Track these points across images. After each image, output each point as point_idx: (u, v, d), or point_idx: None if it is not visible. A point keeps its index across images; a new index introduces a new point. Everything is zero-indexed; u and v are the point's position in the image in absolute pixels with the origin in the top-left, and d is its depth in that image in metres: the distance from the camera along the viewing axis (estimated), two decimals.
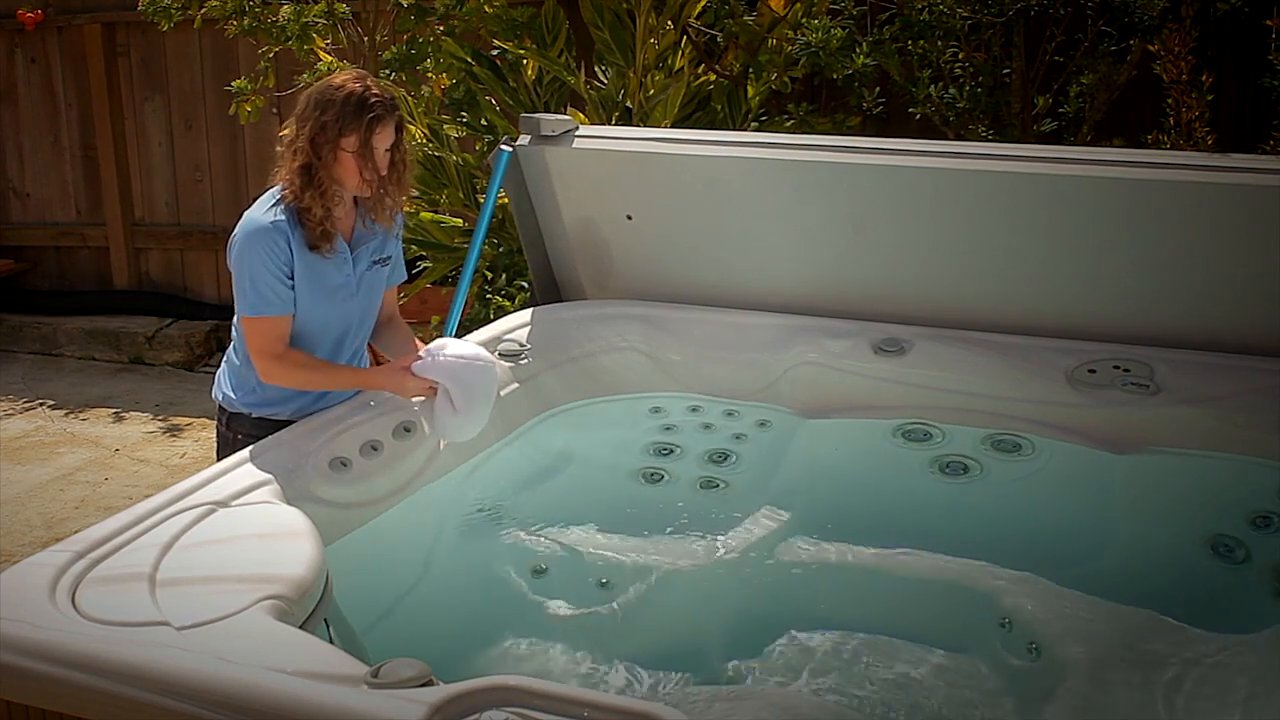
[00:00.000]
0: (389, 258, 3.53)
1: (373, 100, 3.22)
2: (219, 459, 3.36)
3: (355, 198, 3.38)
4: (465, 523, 3.64)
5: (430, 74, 6.05)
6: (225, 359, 3.52)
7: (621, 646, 3.29)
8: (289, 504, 2.97)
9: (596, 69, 5.71)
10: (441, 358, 3.40)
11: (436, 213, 5.71)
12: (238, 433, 3.40)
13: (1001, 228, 3.90)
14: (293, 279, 3.29)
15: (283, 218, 3.27)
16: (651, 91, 5.46)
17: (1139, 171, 3.67)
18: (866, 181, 3.97)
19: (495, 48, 5.83)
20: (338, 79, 3.28)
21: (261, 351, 3.29)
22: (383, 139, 3.26)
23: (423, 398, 3.45)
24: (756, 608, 3.47)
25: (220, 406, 3.50)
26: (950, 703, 3.11)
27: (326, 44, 6.12)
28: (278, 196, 3.30)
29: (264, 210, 3.28)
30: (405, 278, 3.73)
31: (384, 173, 3.30)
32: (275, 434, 3.29)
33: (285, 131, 3.34)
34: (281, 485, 3.04)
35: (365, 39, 6.41)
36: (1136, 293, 3.87)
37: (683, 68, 5.63)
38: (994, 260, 3.97)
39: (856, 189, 4.01)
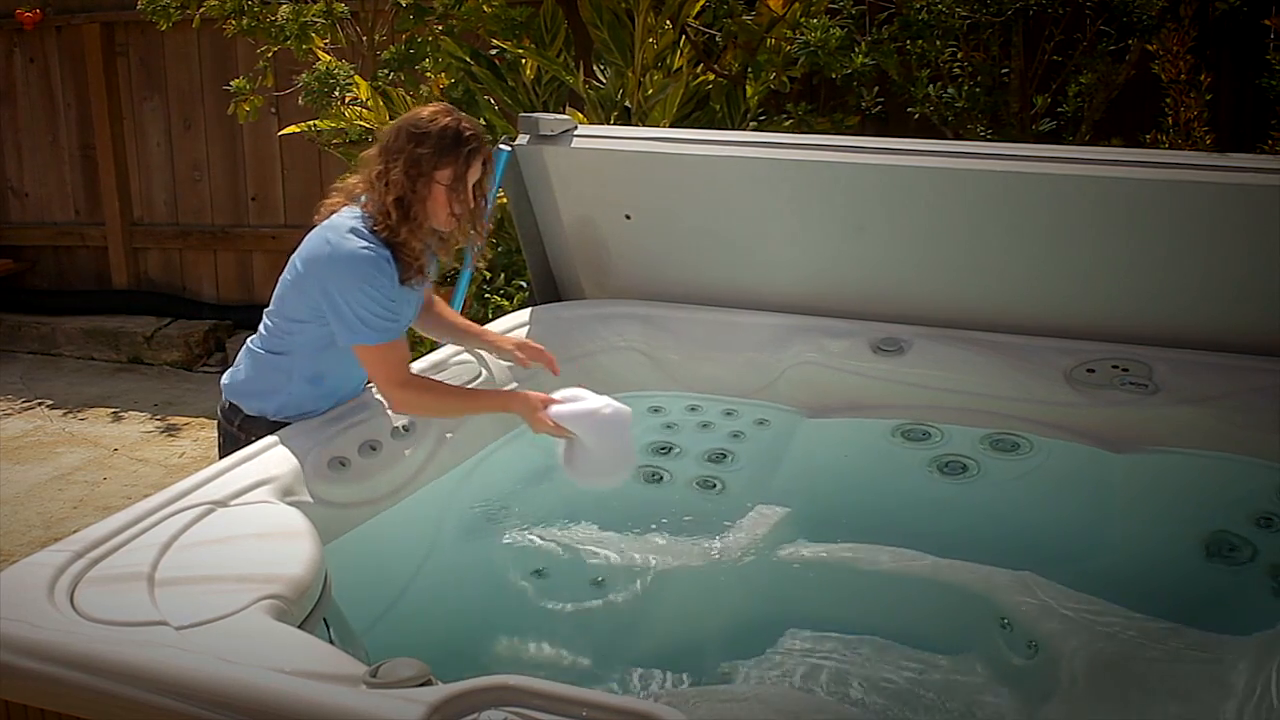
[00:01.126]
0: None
1: (468, 133, 3.26)
2: (221, 458, 3.36)
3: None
4: (464, 522, 3.64)
5: (429, 73, 6.05)
6: (248, 360, 3.45)
7: (620, 646, 3.29)
8: (288, 504, 2.97)
9: (595, 68, 5.71)
10: (576, 408, 3.41)
11: None
12: (251, 435, 3.37)
13: (1000, 227, 3.90)
14: None
15: (385, 251, 3.26)
16: (650, 91, 5.46)
17: (1138, 171, 3.67)
18: (865, 181, 3.97)
19: (494, 47, 5.84)
20: (426, 112, 3.30)
21: (392, 380, 3.31)
22: (475, 172, 3.29)
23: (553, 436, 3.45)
24: (755, 607, 3.47)
25: (234, 406, 3.44)
26: (949, 701, 3.11)
27: (325, 43, 6.12)
28: (366, 227, 3.26)
29: (359, 240, 3.24)
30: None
31: (472, 206, 3.33)
32: (274, 434, 3.29)
33: (369, 155, 3.33)
34: (280, 485, 3.04)
35: (364, 38, 6.41)
36: (1135, 292, 3.87)
37: (681, 67, 5.63)
38: (993, 260, 3.97)
39: (855, 189, 4.01)
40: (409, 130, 3.26)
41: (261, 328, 3.46)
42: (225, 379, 3.52)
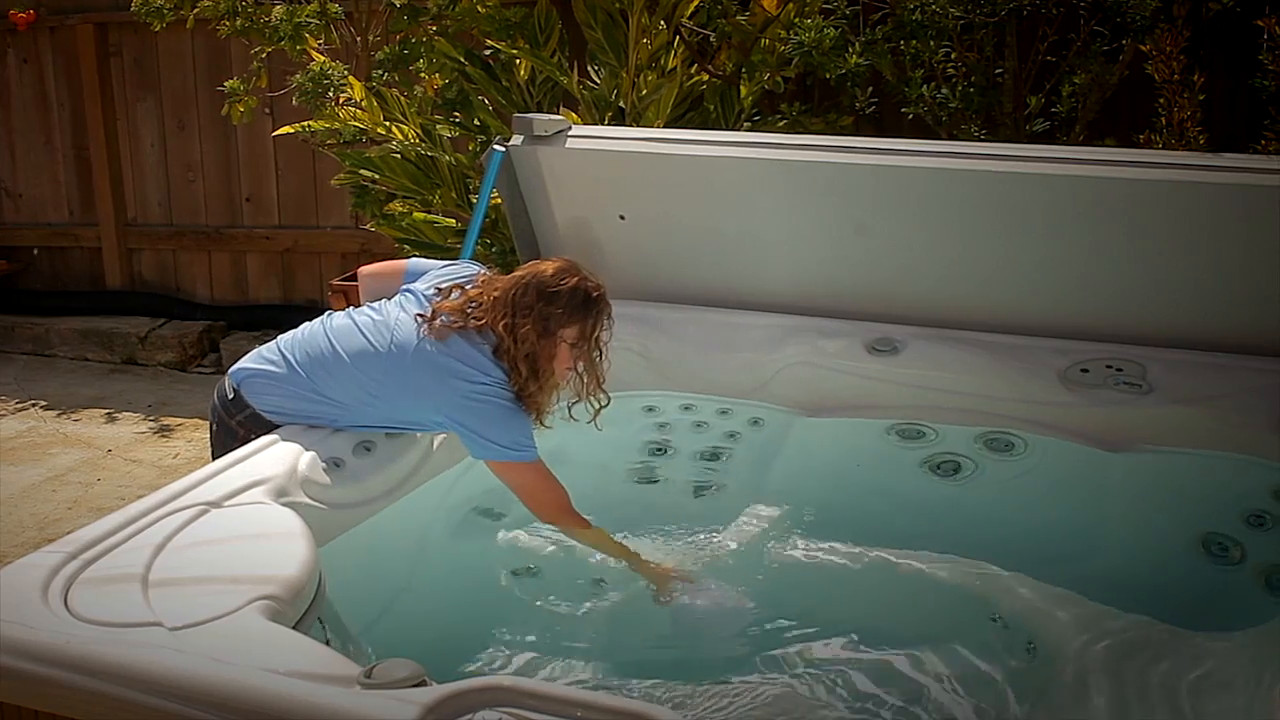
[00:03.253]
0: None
1: (595, 294, 3.35)
2: (215, 456, 3.35)
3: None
4: (458, 522, 3.64)
5: (423, 74, 6.04)
6: (289, 380, 3.41)
7: (615, 645, 3.29)
8: (282, 504, 2.97)
9: (589, 69, 5.71)
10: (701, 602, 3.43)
11: (429, 213, 5.70)
12: (252, 433, 3.36)
13: (995, 227, 3.90)
14: None
15: (516, 398, 3.35)
16: (644, 91, 5.46)
17: (1132, 171, 3.67)
18: (860, 181, 3.97)
19: (488, 48, 5.83)
20: (550, 269, 3.37)
21: (562, 509, 3.38)
22: (599, 328, 3.38)
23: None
24: (750, 606, 3.47)
25: (242, 400, 3.42)
26: (944, 701, 3.11)
27: (319, 44, 6.11)
28: (504, 373, 3.34)
29: (503, 391, 3.33)
30: None
31: (592, 361, 3.41)
32: (268, 434, 3.28)
33: (497, 299, 3.37)
34: (274, 485, 3.03)
35: (358, 39, 6.41)
36: (1129, 292, 3.87)
37: (675, 68, 5.63)
38: (987, 260, 3.97)
39: (850, 189, 4.01)
40: (536, 288, 3.32)
41: (323, 380, 3.40)
42: (244, 374, 3.47)
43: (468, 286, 3.46)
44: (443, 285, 3.49)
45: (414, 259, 3.80)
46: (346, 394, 3.37)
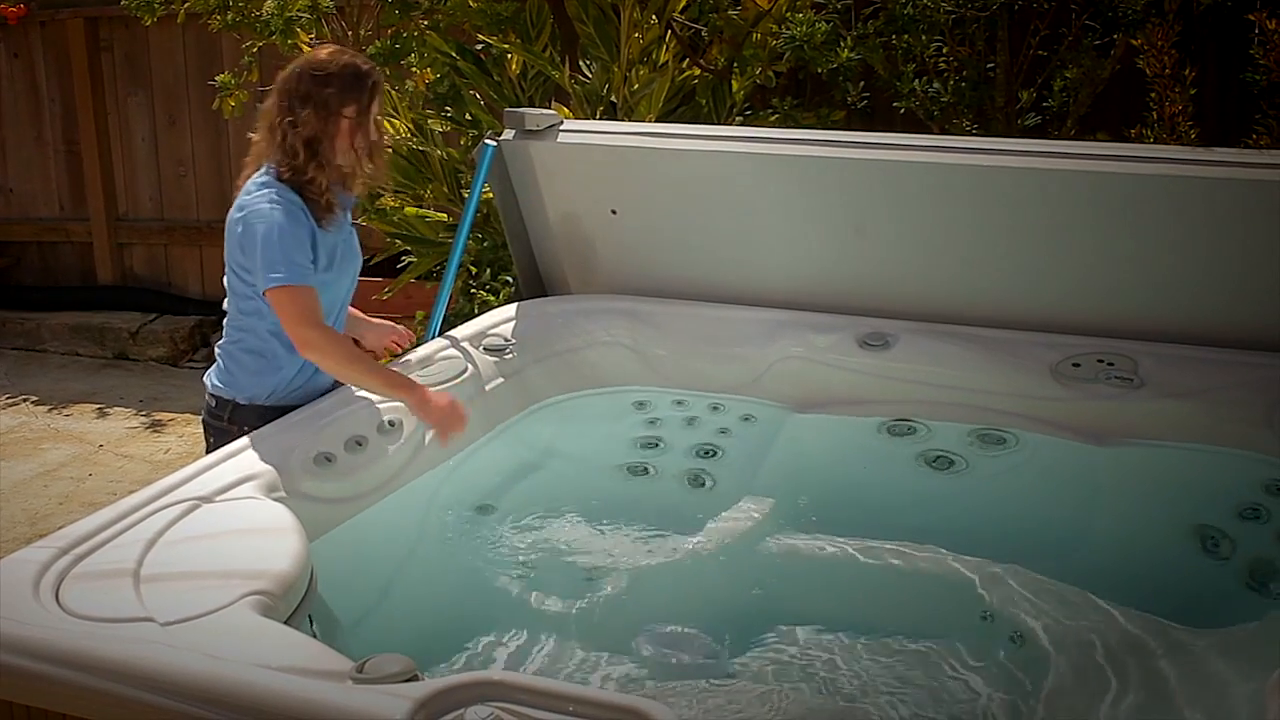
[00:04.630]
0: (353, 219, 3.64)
1: (366, 69, 3.41)
2: (209, 453, 3.35)
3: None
4: (450, 517, 3.63)
5: (414, 68, 6.04)
6: (228, 361, 3.48)
7: (607, 641, 3.29)
8: (273, 499, 2.96)
9: (581, 63, 5.70)
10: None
11: (421, 208, 5.70)
12: (244, 426, 3.37)
13: (987, 222, 3.90)
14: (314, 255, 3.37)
15: (293, 195, 3.34)
16: (636, 86, 5.45)
17: (1124, 165, 3.68)
18: (851, 176, 3.98)
19: (480, 42, 5.83)
20: (323, 53, 3.45)
21: (303, 320, 3.29)
22: (376, 106, 3.42)
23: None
24: (741, 602, 3.47)
25: (222, 401, 3.45)
26: (935, 695, 3.11)
27: (310, 38, 6.10)
28: (273, 177, 3.35)
29: (268, 192, 3.33)
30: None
31: (373, 139, 3.44)
32: (259, 429, 3.28)
33: (269, 107, 3.42)
34: (266, 481, 3.03)
35: (349, 33, 6.40)
36: (1121, 286, 3.88)
37: (667, 62, 5.63)
38: (979, 254, 3.97)
39: (841, 183, 4.01)
40: (310, 73, 3.38)
41: (228, 329, 3.49)
42: (210, 379, 3.53)
43: None
44: None
45: None
46: (260, 325, 3.41)
